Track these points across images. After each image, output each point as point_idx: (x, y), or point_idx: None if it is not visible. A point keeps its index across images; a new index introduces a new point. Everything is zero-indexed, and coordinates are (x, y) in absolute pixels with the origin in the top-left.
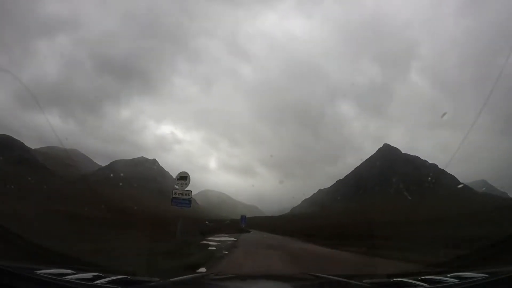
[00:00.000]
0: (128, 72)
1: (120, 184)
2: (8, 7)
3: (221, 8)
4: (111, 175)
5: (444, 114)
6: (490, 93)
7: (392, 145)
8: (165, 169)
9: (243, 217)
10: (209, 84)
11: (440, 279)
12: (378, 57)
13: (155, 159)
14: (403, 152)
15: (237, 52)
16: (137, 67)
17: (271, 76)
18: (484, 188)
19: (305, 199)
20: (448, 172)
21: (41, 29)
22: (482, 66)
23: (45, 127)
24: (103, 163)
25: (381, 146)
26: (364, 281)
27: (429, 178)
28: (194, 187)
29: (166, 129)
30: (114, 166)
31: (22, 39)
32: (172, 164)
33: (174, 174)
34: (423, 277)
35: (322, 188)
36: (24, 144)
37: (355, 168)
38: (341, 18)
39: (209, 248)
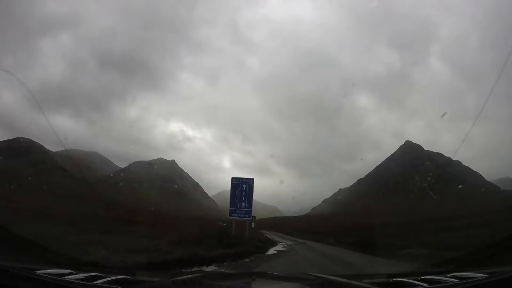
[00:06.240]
0: (133, 69)
1: (121, 184)
2: (9, 9)
3: None
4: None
5: (445, 114)
6: (496, 82)
7: (413, 140)
8: (184, 169)
9: (237, 186)
10: (216, 78)
11: (440, 279)
12: (394, 42)
13: (173, 160)
14: (425, 149)
15: (242, 42)
16: (141, 64)
17: (280, 68)
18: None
19: (326, 199)
20: (473, 169)
21: (43, 29)
22: (506, 50)
23: (65, 130)
24: (122, 164)
25: (401, 142)
26: (364, 281)
27: (453, 177)
28: (212, 188)
29: (176, 127)
30: (132, 167)
31: (25, 40)
32: (186, 164)
33: (192, 175)
34: (423, 277)
35: (342, 188)
36: (43, 146)
37: (376, 166)
38: None
39: None
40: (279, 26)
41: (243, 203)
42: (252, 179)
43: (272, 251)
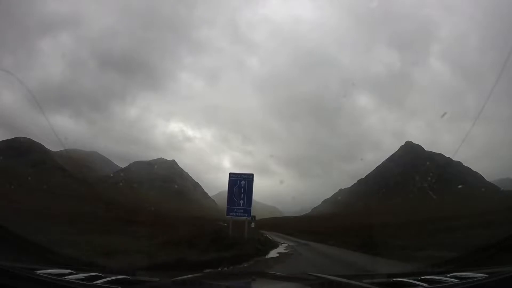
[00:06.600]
0: (133, 69)
1: (121, 184)
2: (9, 9)
3: None
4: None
5: (445, 114)
6: (496, 82)
7: (414, 140)
8: (184, 169)
9: (235, 182)
10: (216, 78)
11: (440, 279)
12: (394, 42)
13: (173, 160)
14: (426, 149)
15: (242, 42)
16: (141, 64)
17: (280, 68)
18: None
19: (326, 199)
20: (473, 169)
21: (43, 29)
22: (506, 50)
23: (65, 130)
24: (122, 164)
25: (402, 142)
26: (364, 281)
27: (453, 177)
28: (212, 188)
29: (176, 127)
30: (132, 167)
31: (25, 40)
32: (186, 164)
33: (192, 175)
34: (423, 277)
35: (342, 188)
36: (43, 146)
37: (377, 166)
38: None
39: None
40: (279, 26)
41: (241, 201)
42: (252, 174)
43: (273, 253)
